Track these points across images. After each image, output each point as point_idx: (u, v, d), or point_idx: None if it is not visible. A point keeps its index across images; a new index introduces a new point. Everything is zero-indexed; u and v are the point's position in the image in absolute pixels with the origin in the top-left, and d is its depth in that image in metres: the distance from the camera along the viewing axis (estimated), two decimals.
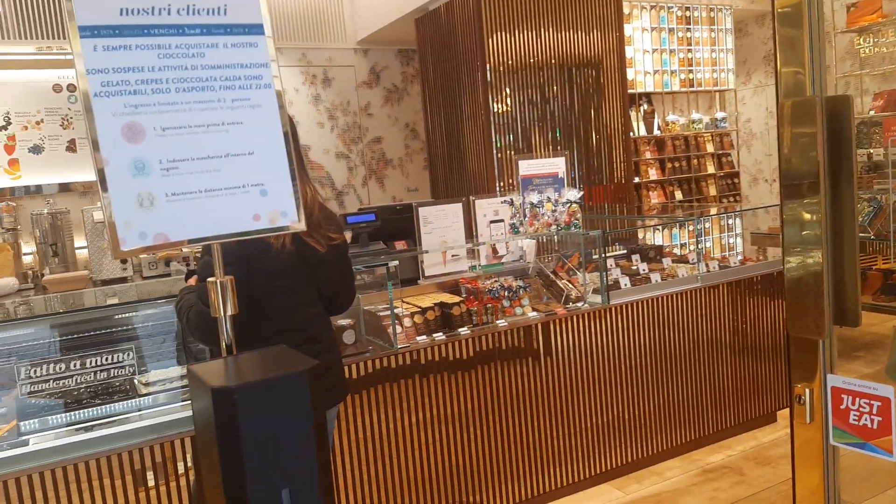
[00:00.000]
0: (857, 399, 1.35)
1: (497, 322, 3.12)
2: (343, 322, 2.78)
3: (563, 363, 3.18)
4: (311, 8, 6.35)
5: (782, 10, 1.42)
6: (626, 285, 3.49)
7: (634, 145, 6.94)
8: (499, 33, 5.17)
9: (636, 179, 6.85)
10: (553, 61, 5.49)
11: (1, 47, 4.78)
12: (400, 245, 3.68)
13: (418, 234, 3.32)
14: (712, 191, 7.48)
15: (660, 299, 3.44)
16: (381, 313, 2.94)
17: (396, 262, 3.18)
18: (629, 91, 6.80)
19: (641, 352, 3.39)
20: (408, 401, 2.81)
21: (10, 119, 4.78)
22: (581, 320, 3.23)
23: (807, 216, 1.40)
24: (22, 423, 2.18)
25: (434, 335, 2.96)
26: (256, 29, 1.67)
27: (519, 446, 3.06)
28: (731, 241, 5.57)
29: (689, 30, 7.40)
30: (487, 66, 5.14)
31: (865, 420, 1.33)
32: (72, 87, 4.94)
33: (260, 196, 1.63)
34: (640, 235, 5.32)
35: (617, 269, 3.73)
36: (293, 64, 6.25)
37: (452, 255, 3.44)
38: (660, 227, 5.68)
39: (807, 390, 1.43)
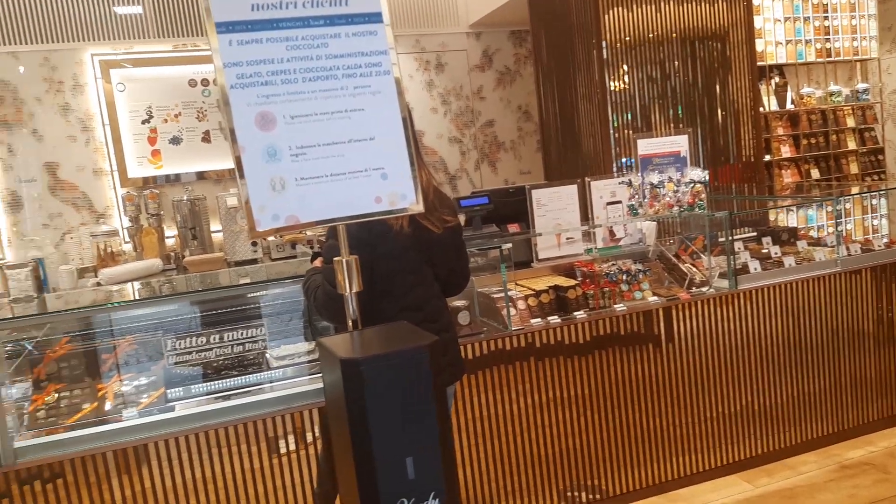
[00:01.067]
0: None
1: (615, 306, 3.04)
2: (458, 303, 2.81)
3: (687, 350, 3.05)
4: None
5: None
6: (755, 269, 3.29)
7: (765, 121, 6.49)
8: (616, 8, 4.99)
9: (767, 157, 6.41)
10: (674, 35, 5.23)
11: (143, 46, 5.19)
12: (513, 228, 3.66)
13: (532, 216, 3.29)
14: (853, 168, 6.87)
15: (794, 285, 3.22)
16: (495, 295, 2.95)
17: (510, 245, 3.17)
18: (758, 63, 6.36)
19: (773, 340, 3.19)
20: (523, 383, 2.81)
21: (151, 113, 5.18)
22: (706, 306, 3.08)
23: None
24: (169, 391, 2.38)
25: (549, 318, 2.93)
26: (375, 17, 1.72)
27: (638, 432, 2.98)
28: (876, 222, 5.10)
29: None
30: (603, 42, 4.98)
31: None
32: (205, 82, 5.28)
33: (381, 179, 1.70)
34: (772, 217, 4.99)
35: (745, 252, 3.53)
36: (407, 51, 6.35)
37: (567, 238, 3.38)
38: (794, 208, 5.30)
39: None
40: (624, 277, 3.17)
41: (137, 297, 2.79)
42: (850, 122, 6.93)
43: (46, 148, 4.90)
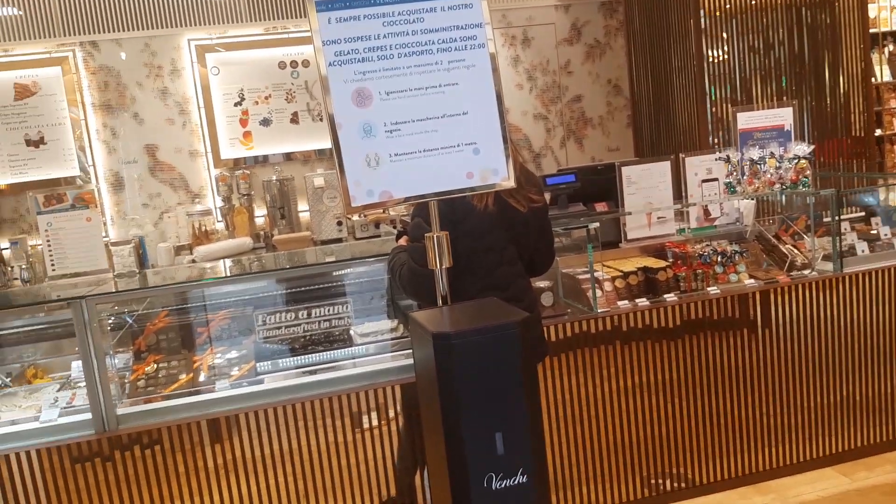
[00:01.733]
0: None
1: (708, 289, 2.89)
2: (542, 284, 2.75)
3: (785, 336, 2.88)
4: None
5: None
6: (863, 252, 3.06)
7: (877, 93, 6.00)
8: None
9: (878, 132, 5.94)
10: (778, 2, 4.89)
11: (236, 30, 5.36)
12: (601, 207, 3.55)
13: (621, 195, 3.18)
14: None
15: None
16: (581, 276, 2.87)
17: (597, 224, 3.09)
18: (871, 30, 5.87)
19: (880, 328, 2.96)
20: (608, 367, 2.73)
21: (243, 95, 5.34)
22: (808, 290, 2.89)
23: None
24: (258, 364, 2.46)
25: (637, 301, 2.83)
26: None
27: (729, 421, 2.85)
28: None
29: None
30: (701, 11, 4.72)
31: None
32: (294, 64, 5.39)
33: (473, 154, 1.69)
34: (883, 196, 4.62)
35: (853, 233, 3.27)
36: (494, 26, 6.26)
37: (658, 217, 3.25)
38: None
39: None
40: (718, 259, 3.01)
41: (229, 274, 2.89)
42: None
43: (147, 131, 5.16)
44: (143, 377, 2.53)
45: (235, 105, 5.32)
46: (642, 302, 2.82)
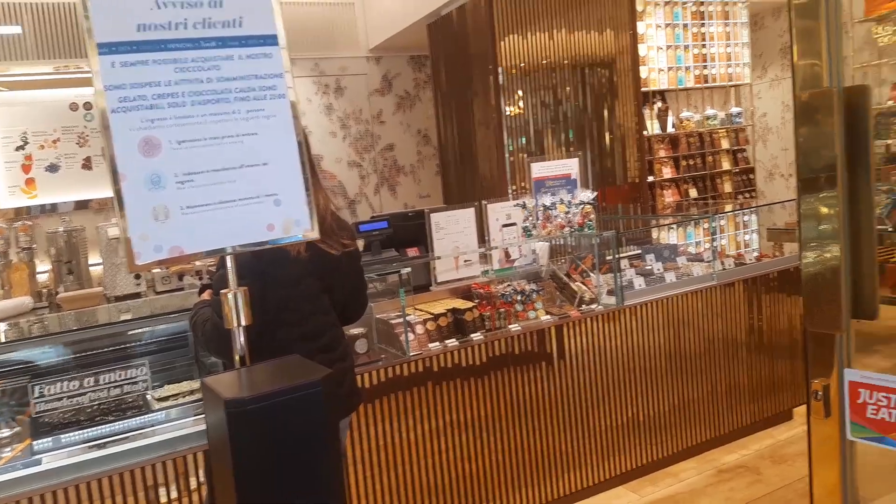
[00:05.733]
0: (875, 393, 1.30)
1: (510, 326, 3.08)
2: (355, 331, 2.76)
3: (578, 366, 3.14)
4: (323, 17, 6.38)
5: (799, 1, 1.38)
6: (640, 286, 3.44)
7: (648, 144, 6.86)
8: (511, 35, 5.15)
9: (650, 178, 6.77)
10: (565, 62, 5.45)
11: (19, 68, 4.86)
12: (412, 252, 3.65)
13: (430, 240, 3.30)
14: (727, 187, 7.37)
15: (674, 298, 3.39)
16: (394, 321, 2.92)
17: (409, 269, 3.16)
18: (643, 89, 6.73)
19: (656, 352, 3.33)
20: (421, 409, 2.78)
21: (27, 139, 4.84)
22: (595, 322, 3.18)
23: (824, 210, 1.35)
24: (35, 443, 2.19)
25: (447, 342, 2.93)
26: (271, 40, 1.69)
27: (533, 451, 3.02)
28: (747, 237, 5.47)
29: (703, 25, 7.32)
30: (499, 68, 5.11)
31: (883, 413, 1.29)
32: (88, 105, 5.00)
33: (274, 206, 1.65)
34: (655, 235, 5.25)
35: (631, 269, 3.68)
36: (306, 74, 6.28)
37: (465, 261, 3.41)
38: (674, 226, 5.61)
39: (823, 385, 1.38)
40: (518, 298, 3.22)
41: (2, 340, 2.56)
42: (725, 144, 7.44)
43: None
44: None
45: (17, 149, 4.80)
46: (452, 342, 2.93)
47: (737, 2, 7.45)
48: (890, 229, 3.56)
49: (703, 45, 7.30)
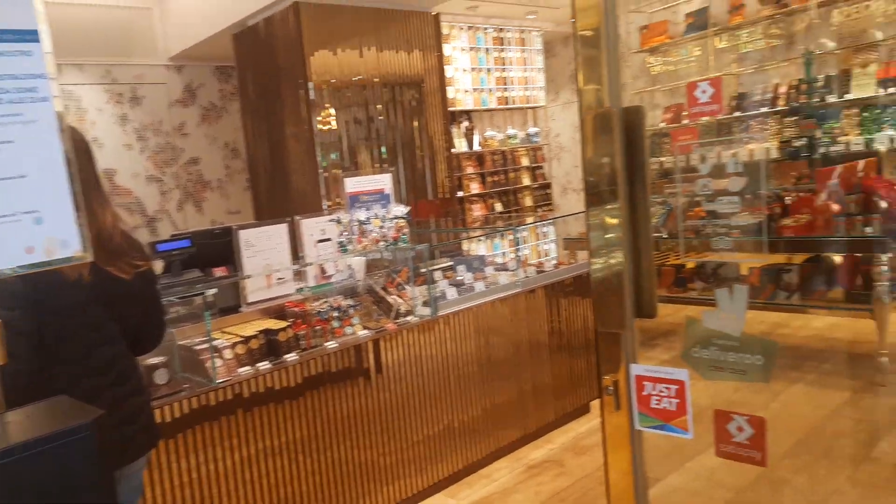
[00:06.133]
0: (657, 385, 1.45)
1: (326, 344, 3.03)
2: (154, 360, 2.54)
3: (395, 379, 3.16)
4: (116, 21, 5.86)
5: (583, 33, 1.51)
6: (452, 296, 3.56)
7: (457, 161, 7.17)
8: (321, 51, 5.10)
9: (460, 193, 7.08)
10: (377, 80, 5.52)
11: None
12: (220, 272, 3.46)
13: (239, 258, 3.14)
14: (528, 202, 7.93)
15: (484, 307, 3.55)
16: (199, 347, 2.74)
17: (215, 290, 2.99)
18: (450, 109, 7.03)
19: (468, 359, 3.47)
20: (231, 438, 2.63)
21: None
22: (411, 334, 3.24)
23: (609, 220, 1.49)
24: None
25: (259, 365, 2.80)
26: (30, 35, 1.48)
27: (352, 468, 2.99)
28: (547, 247, 5.93)
29: (503, 50, 7.82)
30: (310, 83, 5.04)
31: (665, 403, 1.44)
32: None
33: (34, 225, 1.44)
34: (466, 247, 5.49)
35: (444, 280, 3.80)
36: (96, 81, 5.72)
37: (278, 279, 3.30)
38: (483, 238, 5.90)
39: (613, 381, 1.52)
40: (335, 314, 3.18)
41: None
42: (525, 162, 8.01)
43: None
44: None
45: None
46: (264, 365, 2.81)
47: (531, 30, 8.07)
48: (665, 236, 4.05)
49: (504, 69, 7.81)
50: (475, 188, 7.38)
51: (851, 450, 3.08)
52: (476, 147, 7.51)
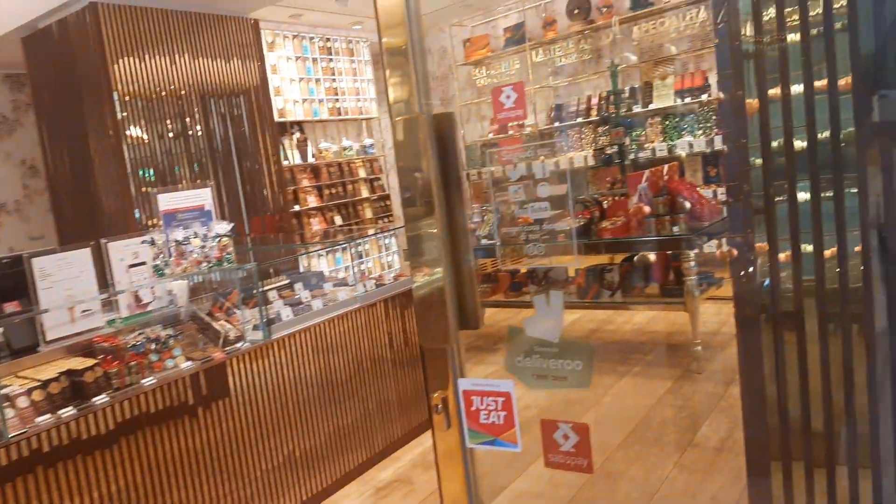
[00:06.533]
0: (485, 398, 1.42)
1: (143, 381, 2.74)
2: None
3: (227, 412, 2.93)
4: None
5: (389, 43, 1.45)
6: (287, 316, 3.38)
7: (291, 173, 6.93)
8: (126, 58, 4.67)
9: (297, 207, 6.84)
10: (193, 89, 5.16)
11: None
12: (10, 307, 3.02)
13: (34, 290, 2.77)
14: (369, 213, 7.86)
15: (322, 325, 3.41)
16: None
17: (1, 329, 2.61)
18: (280, 119, 6.79)
19: (308, 382, 3.31)
20: (28, 502, 2.27)
21: None
22: (242, 362, 3.02)
23: (426, 233, 1.44)
24: None
25: (61, 412, 2.46)
26: None
27: None
28: (389, 259, 5.89)
29: (331, 60, 7.70)
30: (115, 93, 4.59)
31: (493, 417, 1.41)
32: None
33: None
34: (307, 262, 5.30)
35: (280, 300, 3.61)
36: None
37: (83, 311, 2.95)
38: (322, 253, 5.74)
39: (442, 398, 1.47)
40: (153, 346, 2.89)
41: None
42: (362, 173, 7.93)
43: None
44: None
45: None
46: (68, 412, 2.48)
47: (358, 40, 8.03)
48: (498, 243, 4.16)
49: (334, 80, 7.69)
50: (312, 201, 7.17)
51: (677, 436, 3.31)
52: (310, 159, 7.31)
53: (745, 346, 1.73)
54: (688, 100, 6.12)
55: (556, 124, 7.05)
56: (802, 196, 1.59)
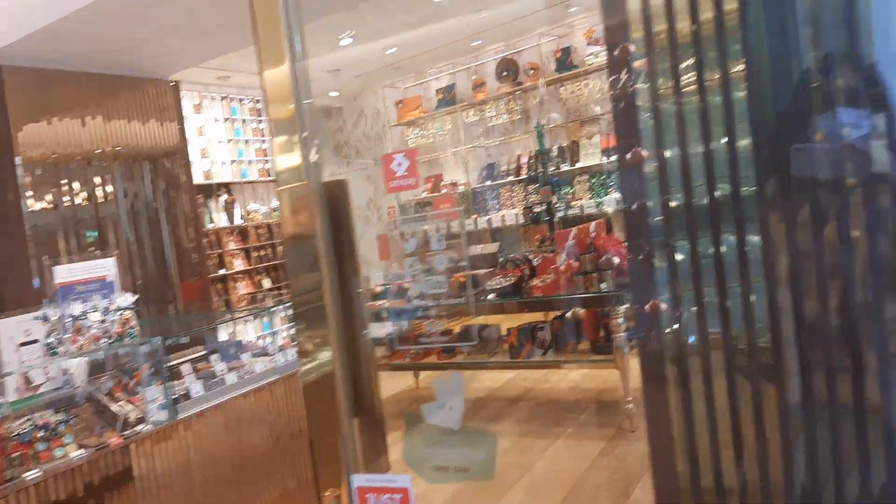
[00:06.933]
0: (382, 496, 1.27)
1: (26, 475, 2.44)
2: None
3: (130, 500, 2.65)
4: None
5: (276, 116, 1.36)
6: (198, 392, 3.14)
7: (217, 236, 6.69)
8: (33, 122, 4.43)
9: (223, 271, 6.58)
10: (107, 152, 4.94)
11: None
12: None
13: None
14: None
15: (236, 401, 3.18)
16: None
17: None
18: (206, 182, 6.60)
19: (220, 463, 3.05)
20: None
21: None
22: (142, 446, 2.76)
23: (313, 311, 1.31)
24: None
25: None
26: None
27: None
28: None
29: (261, 121, 7.59)
30: (17, 157, 4.34)
31: None
32: None
33: None
34: (231, 330, 5.03)
35: (192, 374, 3.36)
36: None
37: None
38: (251, 318, 5.49)
39: (336, 496, 1.31)
40: (40, 434, 2.61)
41: None
42: None
43: None
44: None
45: None
46: None
47: None
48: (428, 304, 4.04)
49: (264, 141, 7.57)
50: (239, 265, 6.92)
51: (612, 501, 3.19)
52: (238, 221, 7.09)
53: (650, 406, 1.64)
54: (613, 158, 6.26)
55: (488, 183, 7.08)
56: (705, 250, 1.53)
